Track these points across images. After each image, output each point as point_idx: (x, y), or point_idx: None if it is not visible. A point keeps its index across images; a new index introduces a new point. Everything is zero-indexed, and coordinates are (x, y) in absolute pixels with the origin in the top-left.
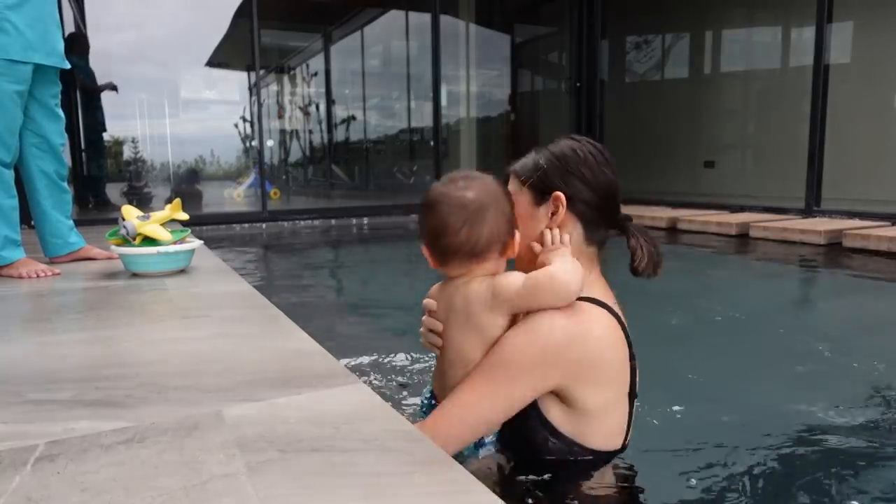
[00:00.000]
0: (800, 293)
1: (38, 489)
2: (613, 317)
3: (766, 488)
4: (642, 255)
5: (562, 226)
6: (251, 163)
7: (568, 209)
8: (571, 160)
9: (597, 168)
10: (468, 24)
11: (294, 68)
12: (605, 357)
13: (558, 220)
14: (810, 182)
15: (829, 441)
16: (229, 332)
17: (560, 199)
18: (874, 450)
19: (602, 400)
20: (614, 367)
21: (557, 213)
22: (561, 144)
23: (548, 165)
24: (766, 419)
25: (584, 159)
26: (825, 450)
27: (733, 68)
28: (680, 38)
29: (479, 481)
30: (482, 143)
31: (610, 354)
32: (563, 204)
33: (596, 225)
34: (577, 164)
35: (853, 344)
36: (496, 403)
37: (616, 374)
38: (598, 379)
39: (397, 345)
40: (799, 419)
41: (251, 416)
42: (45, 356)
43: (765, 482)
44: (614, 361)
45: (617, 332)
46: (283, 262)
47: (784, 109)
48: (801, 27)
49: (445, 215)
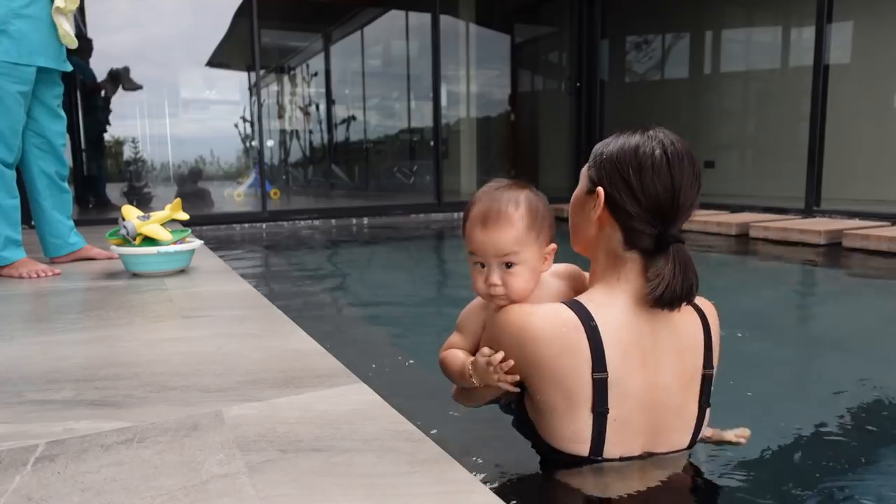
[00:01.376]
0: (801, 293)
1: (38, 489)
2: (584, 324)
3: (767, 487)
4: (659, 285)
5: (602, 224)
6: (251, 163)
7: (610, 211)
8: (625, 157)
9: (650, 177)
10: (468, 24)
11: (294, 68)
12: (546, 359)
13: (595, 217)
14: (810, 182)
15: (827, 441)
16: (229, 332)
17: (600, 195)
18: (873, 448)
19: (548, 402)
20: (559, 374)
21: (596, 208)
22: (632, 135)
23: (606, 156)
24: (767, 418)
25: (638, 162)
26: (825, 449)
27: (733, 68)
28: (680, 38)
29: (478, 481)
30: (482, 144)
31: (552, 359)
32: (601, 202)
33: (638, 234)
34: (629, 167)
35: (855, 344)
36: None
37: (561, 379)
38: (540, 380)
39: (398, 345)
40: (799, 418)
41: (251, 416)
42: (45, 356)
43: (764, 482)
44: (560, 368)
45: (572, 338)
46: (283, 262)
47: (784, 109)
48: (801, 27)
49: None
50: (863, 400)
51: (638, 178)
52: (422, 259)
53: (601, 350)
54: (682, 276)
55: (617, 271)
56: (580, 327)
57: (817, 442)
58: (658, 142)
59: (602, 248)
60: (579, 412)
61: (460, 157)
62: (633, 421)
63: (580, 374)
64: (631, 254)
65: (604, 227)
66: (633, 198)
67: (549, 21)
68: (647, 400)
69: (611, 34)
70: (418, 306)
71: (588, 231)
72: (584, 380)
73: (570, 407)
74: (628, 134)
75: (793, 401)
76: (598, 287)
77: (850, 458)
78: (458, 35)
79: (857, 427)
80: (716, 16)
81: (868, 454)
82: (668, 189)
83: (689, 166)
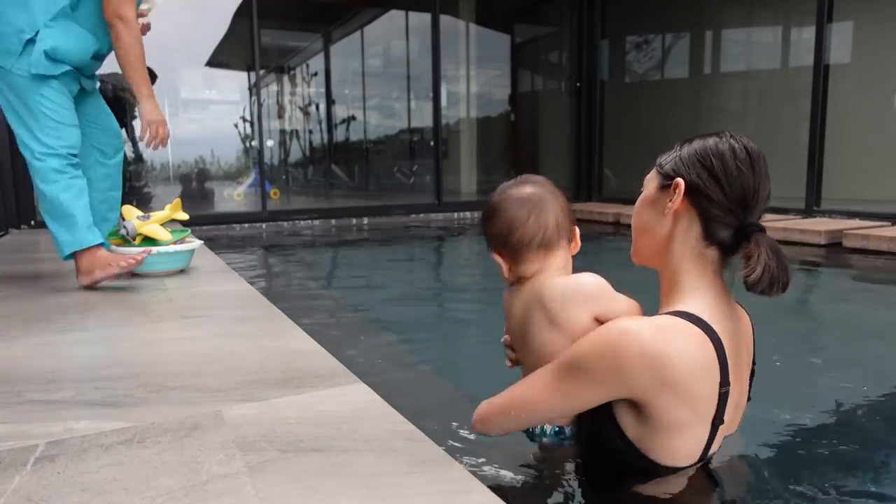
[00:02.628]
0: (801, 293)
1: (38, 489)
2: (710, 338)
3: (768, 485)
4: (756, 267)
5: (678, 218)
6: (251, 163)
7: (690, 202)
8: (706, 151)
9: (732, 164)
10: (468, 24)
11: (294, 68)
12: (683, 381)
13: (674, 208)
14: (810, 182)
15: (826, 441)
16: (229, 332)
17: (679, 185)
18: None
19: (673, 420)
20: (693, 392)
21: (673, 200)
22: (706, 137)
23: (683, 151)
24: (767, 417)
25: (721, 153)
26: (824, 449)
27: (733, 68)
28: (680, 38)
29: (479, 481)
30: (482, 143)
31: (689, 379)
32: (681, 191)
33: (718, 225)
34: (711, 155)
35: (856, 344)
36: (560, 402)
37: (695, 398)
38: (670, 400)
39: (398, 344)
40: (799, 418)
41: (251, 416)
42: (45, 356)
43: (763, 479)
44: (694, 386)
45: (706, 357)
46: (282, 262)
47: (784, 109)
48: (801, 27)
49: (512, 211)
50: (863, 399)
51: (722, 167)
52: (421, 258)
53: (725, 363)
54: (776, 258)
55: (701, 271)
56: (708, 341)
57: (816, 442)
58: (735, 139)
59: (678, 248)
60: (703, 426)
61: (460, 157)
62: (728, 425)
63: (712, 389)
64: (710, 250)
65: (680, 219)
66: (717, 183)
67: (549, 21)
68: (740, 402)
69: (611, 34)
70: (418, 306)
71: (661, 230)
72: (713, 394)
73: (695, 422)
74: (700, 138)
75: (792, 400)
76: (689, 293)
77: (848, 459)
78: (458, 35)
79: (855, 427)
80: (716, 16)
81: (867, 454)
82: (751, 179)
83: (765, 162)
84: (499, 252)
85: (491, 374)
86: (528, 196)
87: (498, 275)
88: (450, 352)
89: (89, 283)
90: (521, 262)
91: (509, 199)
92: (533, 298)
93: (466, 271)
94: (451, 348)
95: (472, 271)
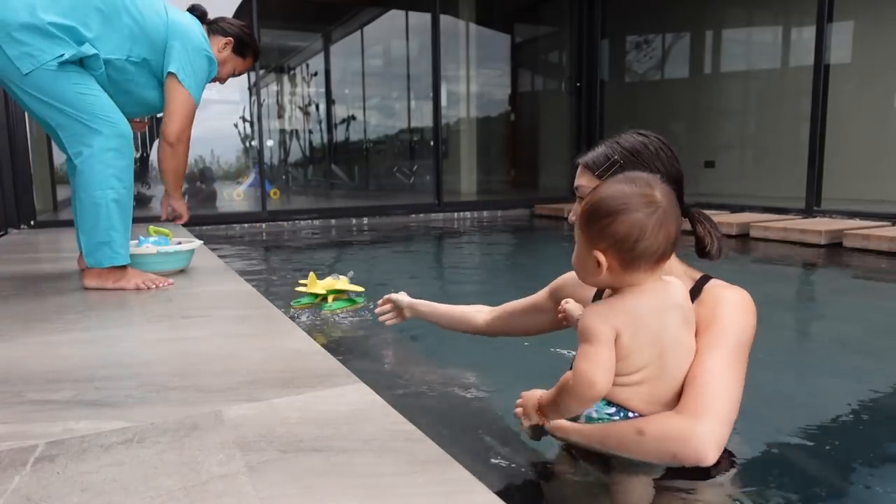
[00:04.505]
0: (802, 293)
1: (37, 489)
2: None
3: (769, 485)
4: (712, 241)
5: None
6: (251, 163)
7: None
8: (644, 154)
9: (667, 161)
10: (468, 23)
11: (294, 68)
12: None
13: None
14: (811, 182)
15: (826, 441)
16: (229, 332)
17: (601, 261)
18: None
19: None
20: None
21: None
22: (629, 138)
23: (622, 159)
24: (766, 417)
25: (655, 153)
26: (823, 448)
27: (733, 68)
28: (680, 37)
29: (479, 481)
30: (482, 143)
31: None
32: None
33: None
34: (651, 158)
35: (855, 344)
36: (742, 381)
37: None
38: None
39: (398, 344)
40: (798, 417)
41: (251, 416)
42: (45, 356)
43: (762, 479)
44: None
45: None
46: (282, 262)
47: (784, 109)
48: (801, 27)
49: (642, 218)
50: (862, 400)
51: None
52: (420, 258)
53: None
54: (717, 228)
55: None
56: None
57: (815, 441)
58: (653, 137)
59: None
60: None
61: (460, 157)
62: None
63: None
64: None
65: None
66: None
67: (549, 21)
68: None
69: (611, 34)
70: None
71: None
72: None
73: None
74: (618, 139)
75: (791, 399)
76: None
77: (848, 457)
78: (458, 35)
79: (856, 427)
80: (716, 16)
81: (867, 453)
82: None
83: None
84: (612, 253)
85: (492, 374)
86: (658, 204)
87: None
88: (450, 352)
89: (96, 288)
90: (633, 271)
91: (639, 204)
92: (667, 301)
93: (467, 271)
94: (451, 348)
95: (473, 271)
